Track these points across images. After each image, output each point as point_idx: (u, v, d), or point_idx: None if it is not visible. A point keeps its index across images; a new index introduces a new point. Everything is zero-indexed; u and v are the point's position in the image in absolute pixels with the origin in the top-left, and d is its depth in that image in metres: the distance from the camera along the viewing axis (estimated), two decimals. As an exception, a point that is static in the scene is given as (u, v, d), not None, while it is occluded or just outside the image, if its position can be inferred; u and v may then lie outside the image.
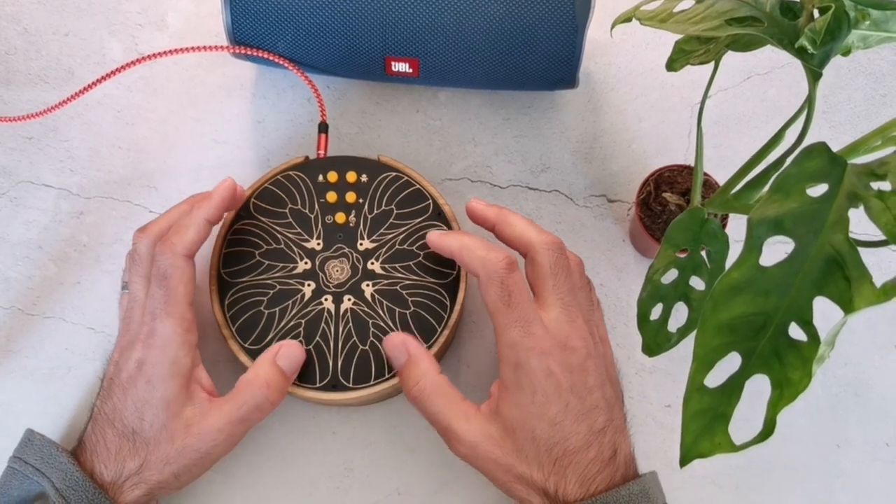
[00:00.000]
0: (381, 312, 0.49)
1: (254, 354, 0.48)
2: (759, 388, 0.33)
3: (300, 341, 0.49)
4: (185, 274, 0.46)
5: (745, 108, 0.60)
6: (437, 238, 0.48)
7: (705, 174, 0.52)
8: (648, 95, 0.61)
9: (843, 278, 0.30)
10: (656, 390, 0.53)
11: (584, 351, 0.43)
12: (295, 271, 0.51)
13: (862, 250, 0.31)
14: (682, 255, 0.44)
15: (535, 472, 0.42)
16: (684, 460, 0.33)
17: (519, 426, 0.43)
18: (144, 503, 0.44)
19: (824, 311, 0.32)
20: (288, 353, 0.47)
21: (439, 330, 0.49)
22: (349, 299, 0.50)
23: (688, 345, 0.38)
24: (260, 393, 0.45)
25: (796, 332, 0.32)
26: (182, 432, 0.44)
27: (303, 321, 0.49)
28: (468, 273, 0.49)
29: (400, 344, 0.46)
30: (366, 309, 0.50)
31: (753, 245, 0.32)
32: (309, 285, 0.50)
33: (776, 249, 0.33)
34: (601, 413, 0.43)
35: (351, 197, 0.52)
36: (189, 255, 0.46)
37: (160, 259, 0.45)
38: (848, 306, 0.30)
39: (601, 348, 0.46)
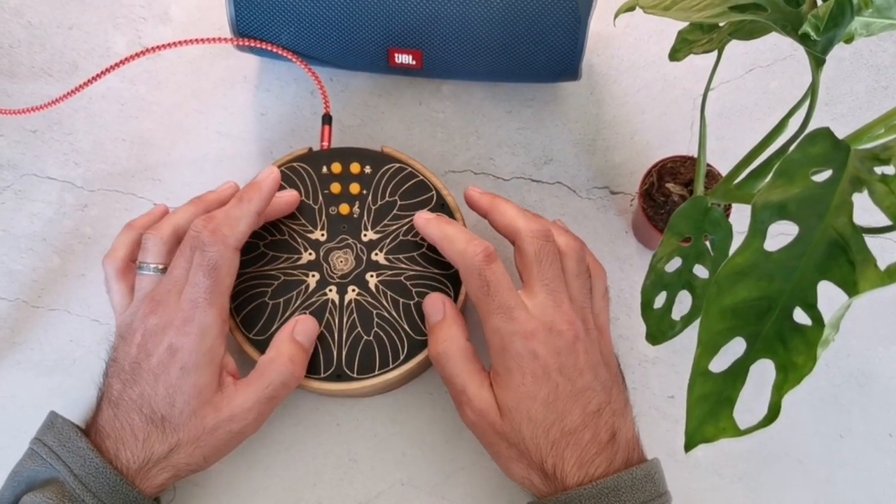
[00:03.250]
0: (385, 303, 0.50)
1: (258, 345, 0.49)
2: (762, 377, 0.33)
3: None
4: (233, 266, 0.47)
5: (747, 99, 0.61)
6: (422, 223, 0.49)
7: (708, 165, 0.52)
8: (651, 87, 0.61)
9: (847, 262, 0.31)
10: (659, 381, 0.53)
11: (570, 334, 0.44)
12: (299, 262, 0.51)
13: (866, 238, 0.31)
14: (686, 244, 0.44)
15: (534, 451, 0.43)
16: (689, 445, 0.33)
17: (514, 407, 0.43)
18: (169, 485, 0.45)
19: (829, 295, 0.32)
20: (304, 327, 0.48)
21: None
22: (353, 290, 0.50)
23: (690, 335, 0.38)
24: (285, 369, 0.46)
25: (801, 316, 0.32)
26: (213, 416, 0.44)
27: (307, 312, 0.49)
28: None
29: (440, 301, 0.48)
30: (370, 300, 0.50)
31: (757, 230, 0.32)
32: (313, 276, 0.50)
33: (779, 240, 0.34)
34: (595, 395, 0.44)
35: (355, 188, 0.52)
36: (238, 247, 0.47)
37: (210, 249, 0.45)
38: (852, 289, 0.30)
39: (595, 334, 0.46)
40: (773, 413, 0.32)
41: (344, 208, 0.52)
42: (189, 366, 0.44)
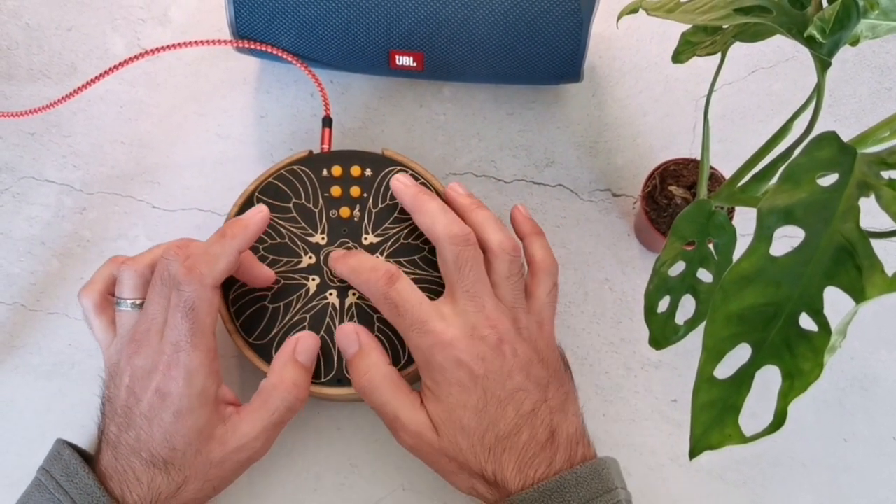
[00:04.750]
0: (385, 307, 0.49)
1: (258, 349, 0.48)
2: (767, 383, 0.33)
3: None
4: (212, 305, 0.44)
5: (750, 102, 0.60)
6: (332, 263, 0.49)
7: (711, 167, 0.51)
8: (653, 89, 0.61)
9: (854, 267, 0.30)
10: (662, 385, 0.53)
11: (494, 337, 0.43)
12: (299, 266, 0.50)
13: (873, 241, 0.31)
14: (689, 248, 0.44)
15: (472, 460, 0.42)
16: (694, 452, 0.33)
17: (446, 419, 0.43)
18: None
19: (835, 301, 0.32)
20: (305, 346, 0.47)
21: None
22: (353, 294, 0.50)
23: (693, 339, 0.38)
24: (290, 395, 0.45)
25: (807, 322, 0.31)
26: (219, 450, 0.43)
27: (307, 316, 0.49)
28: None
29: (352, 333, 0.47)
30: (370, 303, 0.49)
31: (763, 235, 0.32)
32: (313, 280, 0.50)
33: (784, 242, 0.33)
34: (527, 395, 0.43)
35: (355, 191, 0.52)
36: (216, 286, 0.44)
37: (186, 289, 0.42)
38: (859, 295, 0.30)
39: (528, 333, 0.45)
40: (778, 420, 0.31)
41: (344, 211, 0.51)
42: (183, 410, 0.42)
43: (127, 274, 0.46)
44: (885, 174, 0.32)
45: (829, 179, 0.33)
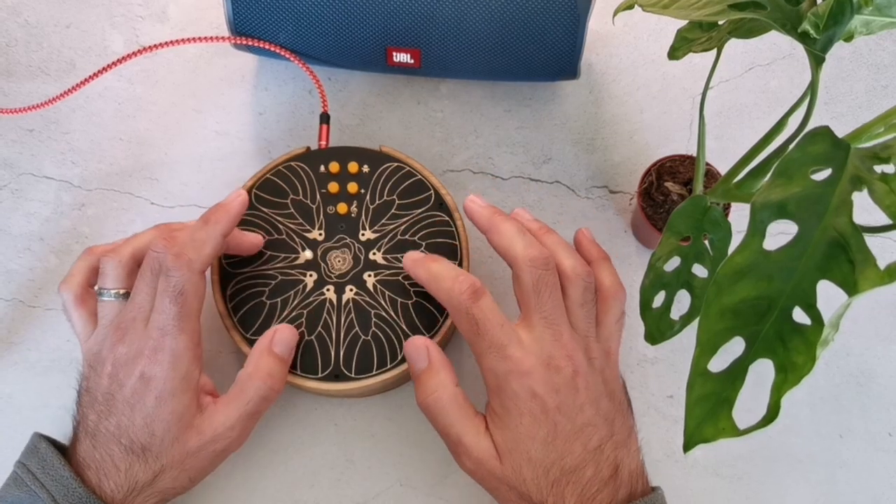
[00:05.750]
0: (383, 303, 0.49)
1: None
2: (761, 377, 0.33)
3: (302, 332, 0.49)
4: (199, 290, 0.45)
5: (746, 99, 0.60)
6: (410, 264, 0.48)
7: (707, 164, 0.52)
8: (650, 86, 0.61)
9: (847, 261, 0.30)
10: (658, 381, 0.53)
11: (569, 370, 0.42)
12: (297, 262, 0.50)
13: (866, 236, 0.31)
14: (685, 244, 0.44)
15: (534, 492, 0.41)
16: (688, 445, 0.33)
17: (513, 448, 0.42)
18: None
19: (828, 294, 0.32)
20: (281, 337, 0.47)
21: (441, 320, 0.49)
22: (351, 289, 0.50)
23: (689, 335, 0.38)
24: (264, 385, 0.45)
25: (800, 315, 0.31)
26: (196, 439, 0.43)
27: (304, 311, 0.49)
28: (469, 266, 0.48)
29: (423, 348, 0.45)
30: (368, 299, 0.49)
31: (757, 229, 0.32)
32: (311, 276, 0.50)
33: (779, 239, 0.33)
34: (595, 430, 0.42)
35: (353, 187, 0.52)
36: (203, 271, 0.45)
37: (174, 274, 0.43)
38: (852, 289, 0.30)
39: (599, 363, 0.44)
40: (772, 413, 0.32)
41: (342, 208, 0.52)
42: (165, 394, 0.43)
43: (110, 265, 0.46)
44: (879, 169, 0.32)
45: (822, 174, 0.33)
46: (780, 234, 0.32)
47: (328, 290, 0.50)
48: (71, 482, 0.42)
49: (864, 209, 0.33)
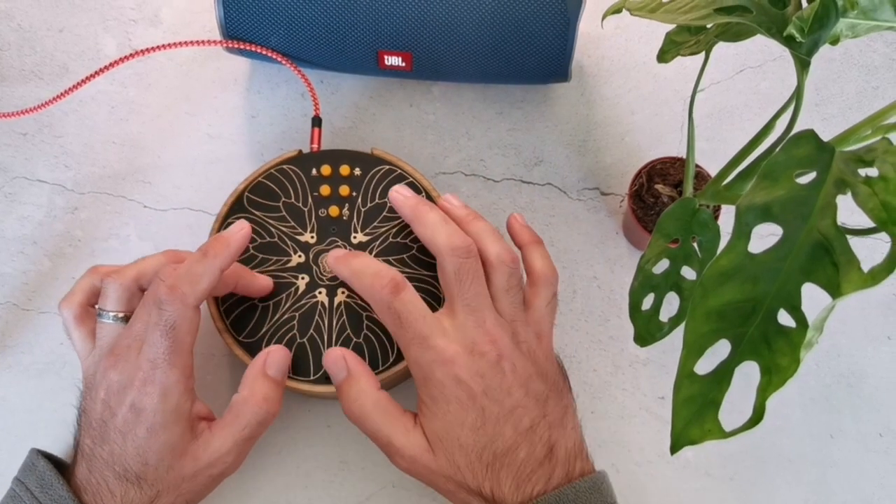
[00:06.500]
0: (374, 305, 0.50)
1: (248, 348, 0.49)
2: (751, 377, 0.33)
3: (294, 335, 0.49)
4: (193, 325, 0.44)
5: (737, 100, 0.61)
6: (333, 262, 0.48)
7: (697, 166, 0.52)
8: (641, 88, 0.61)
9: (831, 264, 0.31)
10: (650, 382, 0.53)
11: (493, 354, 0.43)
12: (289, 265, 0.51)
13: (850, 239, 0.31)
14: (674, 246, 0.45)
15: (470, 478, 0.42)
16: (675, 447, 0.34)
17: (443, 437, 0.42)
18: None
19: (813, 297, 0.32)
20: (275, 360, 0.46)
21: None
22: (343, 292, 0.50)
23: (680, 336, 0.38)
24: (260, 410, 0.44)
25: (785, 318, 0.32)
26: (191, 465, 0.43)
27: (296, 314, 0.49)
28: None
29: (340, 359, 0.46)
30: (359, 301, 0.50)
31: (742, 232, 0.32)
32: (303, 278, 0.50)
33: (768, 240, 0.34)
34: (526, 412, 0.42)
35: (344, 190, 0.52)
36: (198, 305, 0.44)
37: (168, 308, 0.43)
38: (836, 291, 0.30)
39: (527, 346, 0.45)
40: (757, 415, 0.32)
41: (333, 210, 0.52)
42: (156, 426, 0.42)
43: (112, 287, 0.46)
44: (863, 172, 0.32)
45: (807, 177, 0.33)
46: (770, 235, 0.33)
47: (320, 292, 0.50)
48: (69, 502, 0.41)
49: (852, 210, 0.33)
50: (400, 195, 0.49)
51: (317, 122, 0.56)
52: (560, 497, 0.41)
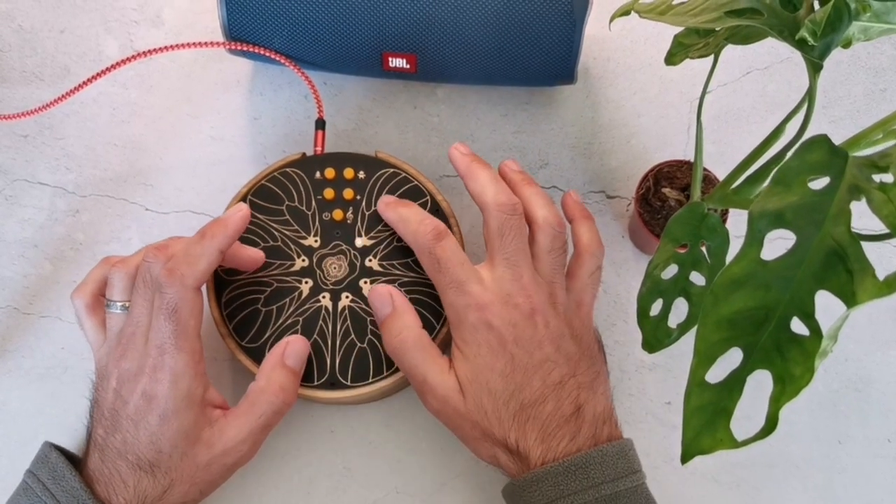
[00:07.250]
0: (379, 309, 0.49)
1: (251, 352, 0.48)
2: (761, 385, 0.33)
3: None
4: (195, 307, 0.44)
5: (744, 103, 0.60)
6: (383, 207, 0.50)
7: (705, 169, 0.51)
8: (647, 91, 0.60)
9: (846, 271, 0.30)
10: (656, 387, 0.53)
11: (527, 307, 0.44)
12: (292, 269, 0.50)
13: (864, 245, 0.31)
14: (682, 251, 0.44)
15: (496, 426, 0.43)
16: (685, 456, 0.33)
17: (473, 379, 0.43)
18: None
19: (826, 305, 0.32)
20: (294, 350, 0.47)
21: (438, 326, 0.49)
22: (347, 297, 0.49)
23: (688, 341, 0.38)
24: (277, 399, 0.45)
25: (798, 326, 0.31)
26: (206, 453, 0.43)
27: (300, 319, 0.49)
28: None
29: (386, 294, 0.47)
30: (364, 306, 0.49)
31: (754, 238, 0.32)
32: (306, 283, 0.50)
33: (779, 244, 0.33)
34: (555, 366, 0.43)
35: (348, 193, 0.52)
36: (198, 287, 0.44)
37: (168, 290, 0.43)
38: (850, 300, 0.30)
39: (564, 308, 0.45)
40: (770, 424, 0.31)
41: (337, 214, 0.51)
42: (168, 413, 0.42)
43: (117, 276, 0.46)
44: (877, 178, 0.32)
45: (820, 183, 0.32)
46: (779, 238, 0.32)
47: (324, 297, 0.49)
48: (81, 494, 0.41)
49: (866, 214, 0.32)
50: (457, 151, 0.50)
51: (320, 124, 0.55)
52: (586, 459, 0.41)
